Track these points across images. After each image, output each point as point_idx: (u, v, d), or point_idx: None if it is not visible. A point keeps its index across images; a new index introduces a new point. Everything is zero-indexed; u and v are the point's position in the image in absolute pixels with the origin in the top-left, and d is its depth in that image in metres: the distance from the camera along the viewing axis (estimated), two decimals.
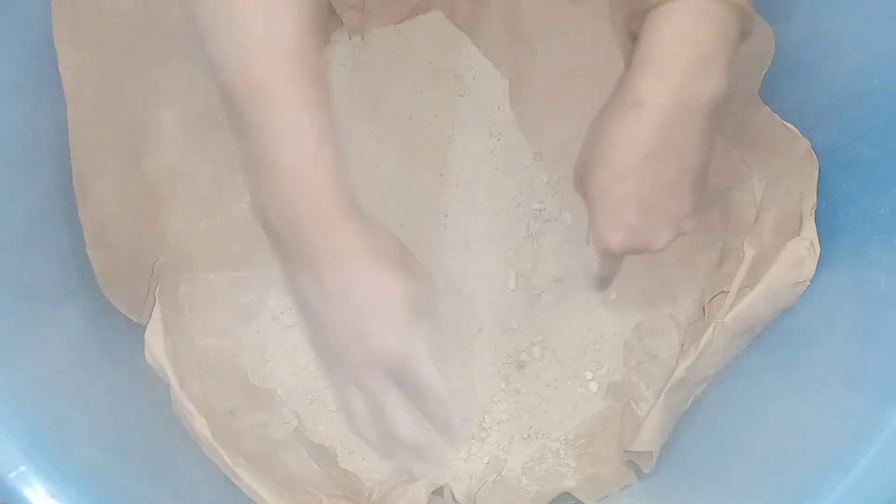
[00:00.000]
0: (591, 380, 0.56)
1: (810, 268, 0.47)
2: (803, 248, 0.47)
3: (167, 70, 0.51)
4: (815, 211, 0.48)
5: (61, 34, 0.44)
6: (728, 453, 0.47)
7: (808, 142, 0.49)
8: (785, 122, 0.50)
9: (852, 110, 0.46)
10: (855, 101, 0.46)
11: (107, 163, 0.48)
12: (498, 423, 0.55)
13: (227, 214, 0.54)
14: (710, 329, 0.49)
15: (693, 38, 0.33)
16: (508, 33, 0.57)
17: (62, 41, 0.44)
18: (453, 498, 0.53)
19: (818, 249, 0.47)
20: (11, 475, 0.36)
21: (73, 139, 0.46)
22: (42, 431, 0.38)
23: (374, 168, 0.58)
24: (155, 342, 0.46)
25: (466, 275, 0.57)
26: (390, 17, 0.59)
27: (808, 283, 0.47)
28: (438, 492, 0.53)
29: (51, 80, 0.45)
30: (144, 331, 0.48)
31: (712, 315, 0.50)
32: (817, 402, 0.43)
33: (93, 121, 0.46)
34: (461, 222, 0.58)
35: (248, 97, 0.32)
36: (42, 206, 0.45)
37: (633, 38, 0.35)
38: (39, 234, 0.44)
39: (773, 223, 0.50)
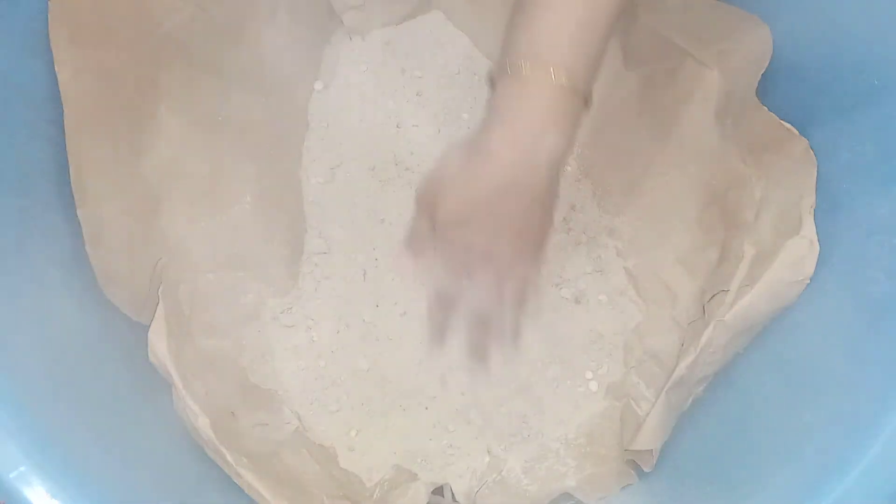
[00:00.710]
0: (591, 379, 0.56)
1: (810, 266, 0.47)
2: (803, 247, 0.47)
3: (166, 70, 0.51)
4: (815, 210, 0.48)
5: (58, 33, 0.44)
6: (728, 453, 0.47)
7: (807, 141, 0.49)
8: (783, 122, 0.50)
9: (852, 110, 0.46)
10: (855, 101, 0.46)
11: (105, 162, 0.48)
12: (498, 423, 0.55)
13: (227, 214, 0.54)
14: (710, 328, 0.49)
15: (533, 109, 0.39)
16: None
17: (58, 40, 0.44)
18: (453, 497, 0.53)
19: (817, 248, 0.47)
20: (12, 475, 0.36)
21: (69, 138, 0.46)
22: (42, 431, 0.38)
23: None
24: (158, 342, 0.46)
25: None
26: (390, 18, 0.59)
27: (808, 282, 0.47)
28: (438, 491, 0.53)
29: (50, 77, 0.45)
30: (145, 330, 0.48)
31: (712, 314, 0.50)
32: (817, 401, 0.43)
33: (90, 120, 0.46)
34: None
35: None
36: (42, 204, 0.45)
37: (491, 83, 0.41)
38: (39, 232, 0.44)
39: (773, 222, 0.50)
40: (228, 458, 0.45)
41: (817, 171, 0.48)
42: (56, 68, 0.45)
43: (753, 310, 0.48)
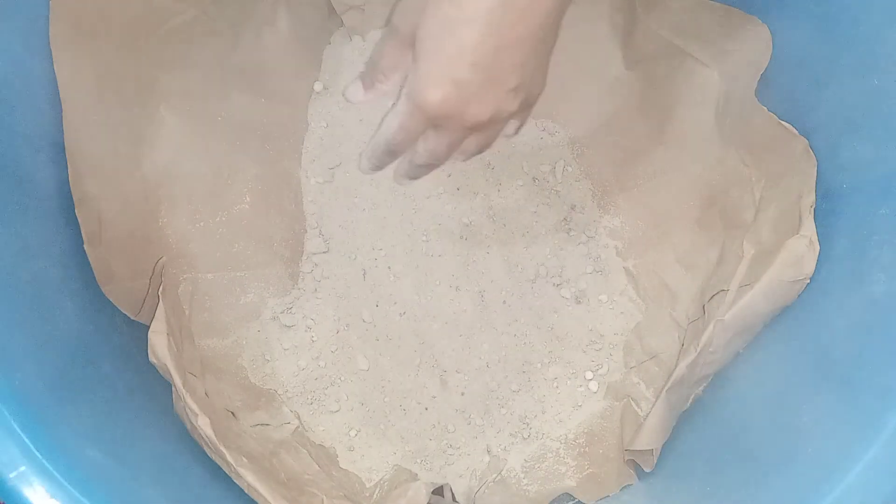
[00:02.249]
0: (591, 379, 0.56)
1: (810, 265, 0.47)
2: (802, 246, 0.47)
3: (166, 70, 0.51)
4: (815, 210, 0.48)
5: (59, 33, 0.44)
6: (728, 453, 0.47)
7: (806, 140, 0.49)
8: (782, 122, 0.50)
9: (852, 110, 0.46)
10: (855, 101, 0.46)
11: (104, 162, 0.48)
12: (498, 423, 0.55)
13: (226, 214, 0.54)
14: (710, 327, 0.49)
15: None
16: None
17: (59, 40, 0.44)
18: (453, 498, 0.53)
19: (817, 247, 0.47)
20: (12, 475, 0.36)
21: (69, 138, 0.46)
22: (42, 431, 0.37)
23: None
24: (158, 341, 0.46)
25: (465, 272, 0.57)
26: None
27: (808, 281, 0.47)
28: (438, 491, 0.53)
29: (50, 77, 0.45)
30: (145, 330, 0.48)
31: (712, 314, 0.50)
32: (817, 401, 0.43)
33: (89, 120, 0.46)
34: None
35: None
36: (42, 204, 0.45)
37: None
38: (39, 232, 0.44)
39: (772, 222, 0.50)
40: (228, 458, 0.44)
41: (817, 171, 0.48)
42: (55, 68, 0.45)
43: (753, 309, 0.48)
